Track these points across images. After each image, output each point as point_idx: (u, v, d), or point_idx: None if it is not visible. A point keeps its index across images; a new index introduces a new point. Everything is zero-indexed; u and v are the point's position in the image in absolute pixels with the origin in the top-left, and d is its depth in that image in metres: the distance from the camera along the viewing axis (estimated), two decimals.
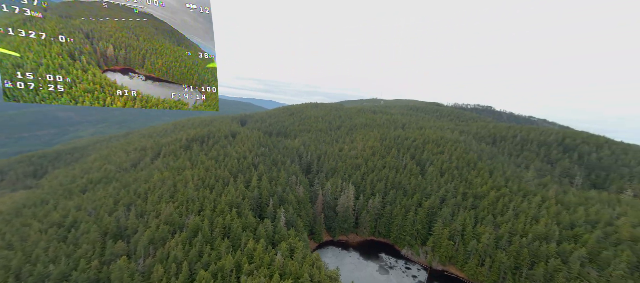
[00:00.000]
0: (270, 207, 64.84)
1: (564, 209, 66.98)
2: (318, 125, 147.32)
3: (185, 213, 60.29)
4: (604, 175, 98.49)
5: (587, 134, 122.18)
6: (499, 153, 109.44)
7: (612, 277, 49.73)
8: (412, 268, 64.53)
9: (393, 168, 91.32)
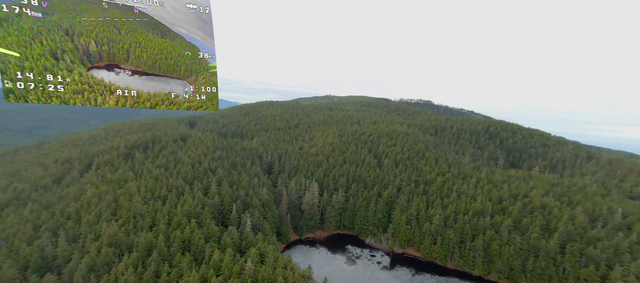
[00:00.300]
0: (234, 213, 61.62)
1: (493, 187, 79.47)
2: (276, 124, 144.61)
3: (134, 230, 53.28)
4: (518, 156, 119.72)
5: (505, 122, 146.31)
6: (441, 142, 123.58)
7: (531, 239, 61.22)
8: (376, 255, 68.90)
9: (353, 163, 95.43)
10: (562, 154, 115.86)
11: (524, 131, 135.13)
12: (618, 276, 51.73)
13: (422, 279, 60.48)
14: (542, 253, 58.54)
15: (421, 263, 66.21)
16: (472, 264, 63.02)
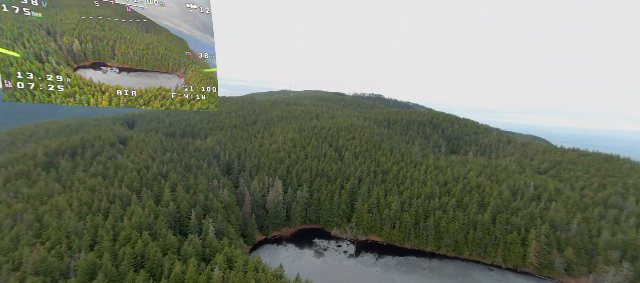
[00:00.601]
0: (194, 220, 57.17)
1: (439, 172, 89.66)
2: (231, 121, 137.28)
3: (68, 253, 45.44)
4: (456, 143, 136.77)
5: (444, 114, 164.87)
6: (394, 134, 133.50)
7: (470, 215, 71.19)
8: (342, 244, 71.86)
9: (315, 158, 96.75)
10: (489, 140, 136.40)
11: (460, 121, 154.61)
12: (533, 237, 64.07)
13: (385, 261, 65.46)
14: (479, 225, 68.78)
15: (383, 247, 71.47)
16: (426, 242, 70.60)
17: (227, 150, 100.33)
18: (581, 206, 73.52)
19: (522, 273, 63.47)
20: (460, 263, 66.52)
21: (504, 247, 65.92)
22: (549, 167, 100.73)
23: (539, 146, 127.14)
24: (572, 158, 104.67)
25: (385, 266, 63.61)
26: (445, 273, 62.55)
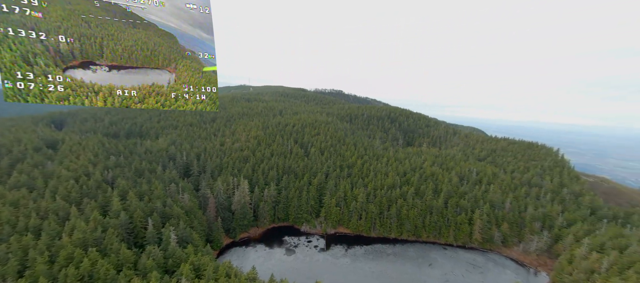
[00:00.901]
0: (151, 229, 51.98)
1: (399, 163, 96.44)
2: (186, 119, 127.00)
3: None
4: (412, 135, 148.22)
5: (401, 109, 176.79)
6: (356, 129, 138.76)
7: (427, 201, 78.39)
8: (312, 240, 72.89)
9: (281, 155, 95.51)
10: (439, 132, 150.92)
11: (414, 115, 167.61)
12: (477, 216, 73.53)
13: (353, 251, 68.48)
14: (435, 210, 76.27)
15: (351, 238, 74.55)
16: (389, 230, 75.74)
17: (184, 150, 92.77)
18: (512, 187, 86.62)
19: (469, 249, 72.56)
20: (420, 245, 73.11)
21: (455, 227, 74.39)
22: (487, 154, 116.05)
23: (478, 136, 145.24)
24: (503, 146, 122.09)
25: (354, 256, 66.61)
26: (408, 256, 68.15)
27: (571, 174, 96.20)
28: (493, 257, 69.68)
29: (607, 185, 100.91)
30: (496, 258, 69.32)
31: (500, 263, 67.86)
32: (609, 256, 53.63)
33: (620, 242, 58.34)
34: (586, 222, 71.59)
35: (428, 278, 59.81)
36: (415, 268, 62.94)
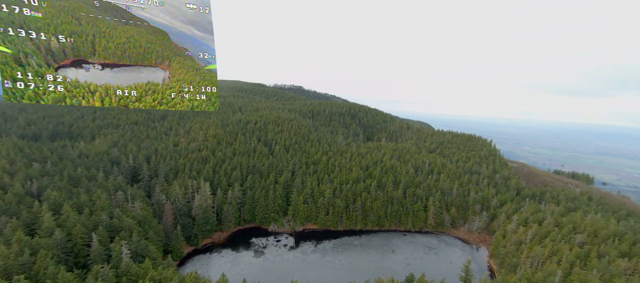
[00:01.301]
0: (97, 246, 45.25)
1: (361, 158, 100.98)
2: (129, 117, 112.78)
3: None
4: (371, 130, 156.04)
5: (360, 105, 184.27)
6: (319, 125, 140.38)
7: (388, 192, 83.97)
8: (281, 239, 72.12)
9: (244, 154, 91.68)
10: (394, 127, 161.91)
11: (372, 111, 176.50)
12: (431, 203, 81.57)
13: (323, 247, 69.96)
14: (395, 200, 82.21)
15: (319, 234, 75.90)
16: (355, 222, 79.21)
17: (130, 153, 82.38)
18: (457, 175, 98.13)
19: (425, 233, 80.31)
20: (383, 234, 78.20)
21: (413, 214, 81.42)
22: (436, 146, 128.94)
23: (428, 130, 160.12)
24: (449, 139, 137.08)
25: (324, 251, 68.10)
26: (373, 245, 72.37)
27: (501, 161, 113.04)
28: (444, 238, 78.39)
29: (526, 169, 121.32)
30: (447, 239, 78.15)
31: (450, 243, 76.73)
32: (531, 228, 64.97)
33: (539, 216, 71.09)
34: (513, 201, 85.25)
35: (392, 263, 64.52)
36: (380, 256, 67.24)
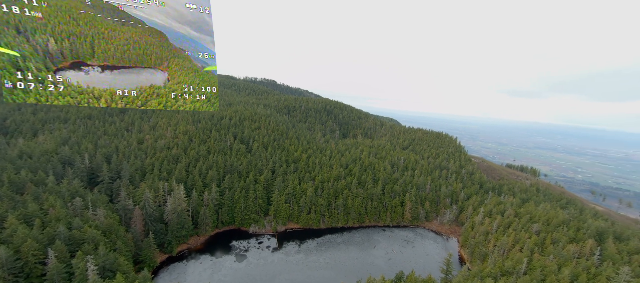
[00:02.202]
0: (54, 263, 39.14)
1: (341, 155, 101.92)
2: (80, 111, 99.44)
3: None
4: (346, 127, 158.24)
5: (335, 101, 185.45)
6: (296, 121, 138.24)
7: (368, 189, 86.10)
8: (263, 240, 69.93)
9: (220, 152, 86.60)
10: (369, 124, 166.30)
11: (347, 108, 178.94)
12: (408, 199, 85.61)
13: (306, 246, 69.47)
14: (375, 197, 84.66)
15: (302, 233, 75.19)
16: (337, 219, 79.98)
17: (85, 152, 72.60)
18: (430, 170, 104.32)
19: (402, 227, 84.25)
20: (364, 230, 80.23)
21: (391, 210, 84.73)
22: (408, 143, 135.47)
23: (400, 128, 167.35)
24: (420, 136, 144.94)
25: (307, 250, 67.67)
26: (355, 242, 73.87)
27: (465, 157, 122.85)
28: (420, 231, 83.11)
29: (485, 164, 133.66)
30: (422, 232, 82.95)
31: (425, 235, 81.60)
32: (495, 220, 71.79)
33: (500, 207, 78.81)
34: (478, 194, 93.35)
35: (375, 259, 66.56)
36: (363, 252, 68.93)
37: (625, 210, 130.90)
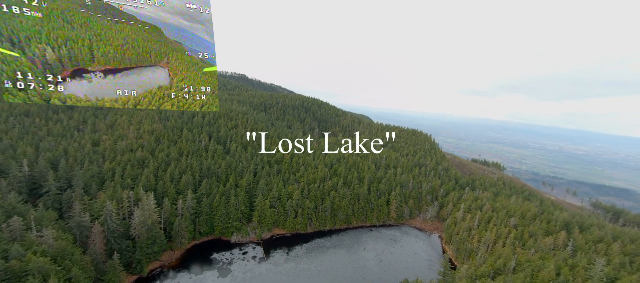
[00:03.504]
0: None
1: (324, 155, 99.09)
2: (14, 106, 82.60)
3: None
4: (324, 125, 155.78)
5: (312, 98, 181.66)
6: (273, 119, 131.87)
7: (354, 190, 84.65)
8: (247, 250, 64.46)
9: (195, 154, 78.16)
10: (346, 121, 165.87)
11: (325, 105, 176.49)
12: (393, 198, 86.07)
13: (295, 253, 65.66)
14: (361, 197, 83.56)
15: (289, 239, 71.10)
16: (325, 222, 77.26)
17: (24, 157, 59.76)
18: (410, 167, 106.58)
19: (388, 226, 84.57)
20: (351, 232, 78.74)
21: (377, 209, 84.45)
22: (387, 141, 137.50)
23: (377, 125, 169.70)
24: (397, 134, 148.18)
25: (297, 258, 63.96)
26: (344, 244, 71.96)
27: (440, 154, 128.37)
28: (405, 229, 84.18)
29: (457, 160, 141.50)
30: (407, 230, 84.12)
31: (409, 233, 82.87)
32: (476, 215, 75.16)
33: (478, 203, 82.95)
34: (455, 190, 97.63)
35: (366, 261, 65.27)
36: (354, 255, 67.28)
37: (571, 199, 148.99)
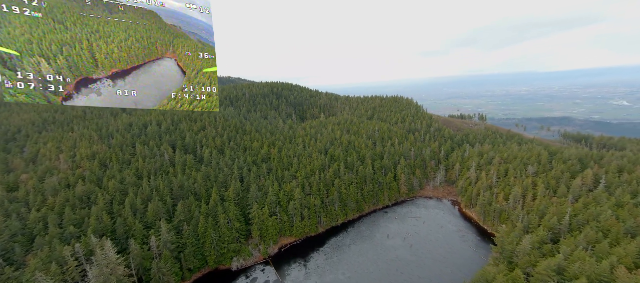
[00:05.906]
0: None
1: (313, 139, 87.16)
2: None
3: None
4: (301, 108, 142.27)
5: (281, 82, 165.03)
6: (245, 111, 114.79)
7: (358, 172, 74.88)
8: (255, 274, 51.86)
9: (158, 173, 61.06)
10: (323, 101, 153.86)
11: (296, 88, 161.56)
12: (400, 171, 78.31)
13: (314, 263, 54.75)
14: (368, 179, 74.34)
15: (300, 247, 59.78)
16: (335, 217, 66.92)
17: None
18: (405, 135, 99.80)
19: (401, 203, 77.32)
20: (366, 219, 69.83)
21: (386, 188, 76.28)
22: (372, 112, 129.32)
23: (355, 98, 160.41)
24: (379, 103, 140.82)
25: (318, 269, 53.20)
26: (364, 236, 62.86)
27: (428, 116, 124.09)
28: (418, 202, 77.71)
29: (442, 119, 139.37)
30: (420, 202, 77.77)
31: (424, 204, 76.64)
32: (491, 171, 70.62)
33: (485, 158, 78.92)
34: (455, 150, 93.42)
35: (396, 251, 56.99)
36: (380, 247, 58.51)
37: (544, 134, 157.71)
